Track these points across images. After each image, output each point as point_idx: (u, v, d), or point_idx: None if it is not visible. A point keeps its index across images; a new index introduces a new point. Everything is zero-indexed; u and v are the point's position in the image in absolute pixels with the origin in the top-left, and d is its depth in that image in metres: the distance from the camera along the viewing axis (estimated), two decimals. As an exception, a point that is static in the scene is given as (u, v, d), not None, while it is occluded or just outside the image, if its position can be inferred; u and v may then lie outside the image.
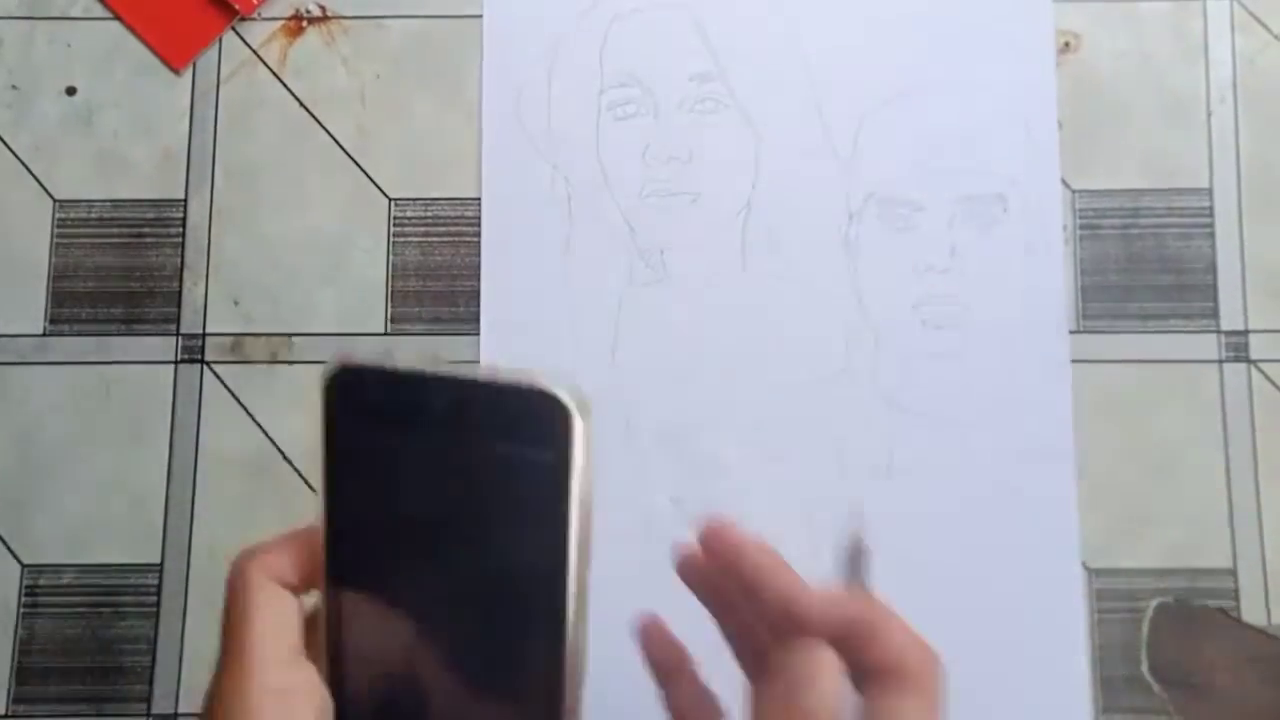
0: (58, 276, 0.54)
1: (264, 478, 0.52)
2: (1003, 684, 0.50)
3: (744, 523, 0.51)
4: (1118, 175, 0.54)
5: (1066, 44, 0.55)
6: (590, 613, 0.33)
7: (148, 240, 0.54)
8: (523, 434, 0.31)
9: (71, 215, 0.54)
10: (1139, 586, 0.51)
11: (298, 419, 0.53)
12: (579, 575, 0.32)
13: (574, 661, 0.33)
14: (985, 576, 0.50)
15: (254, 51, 0.56)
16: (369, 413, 0.32)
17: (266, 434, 0.52)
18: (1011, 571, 0.51)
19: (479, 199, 0.54)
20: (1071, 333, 0.53)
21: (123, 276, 0.54)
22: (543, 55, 0.55)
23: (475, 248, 0.54)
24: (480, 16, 0.56)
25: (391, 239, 0.54)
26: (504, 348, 0.53)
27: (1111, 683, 0.50)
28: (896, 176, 0.54)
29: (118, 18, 0.56)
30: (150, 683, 0.51)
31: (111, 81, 0.56)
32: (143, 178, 0.55)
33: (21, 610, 0.51)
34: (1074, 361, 0.52)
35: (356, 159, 0.55)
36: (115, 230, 0.54)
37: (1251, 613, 0.51)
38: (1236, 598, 0.51)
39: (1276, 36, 0.55)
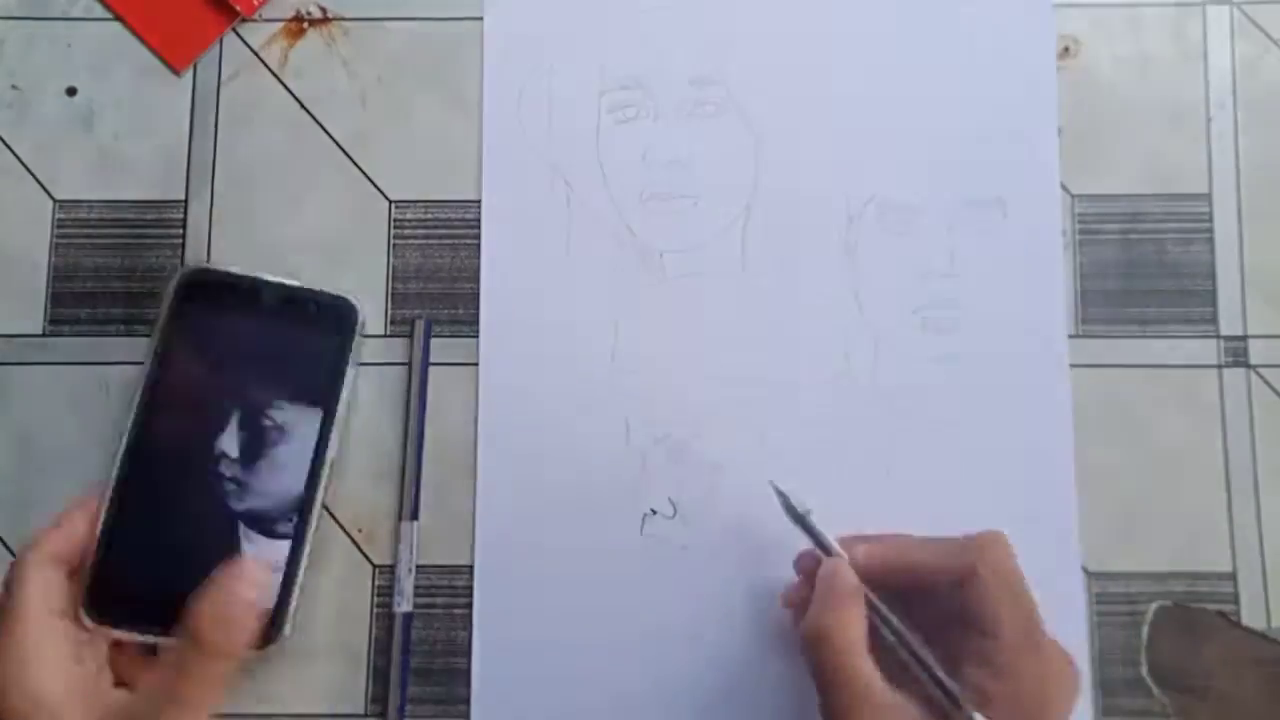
0: (57, 276, 0.54)
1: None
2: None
3: (744, 524, 0.51)
4: (1117, 180, 0.54)
5: (1066, 49, 0.55)
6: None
7: (148, 241, 0.54)
8: (323, 323, 0.50)
9: (71, 215, 0.54)
10: (1139, 590, 0.51)
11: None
12: (341, 429, 0.50)
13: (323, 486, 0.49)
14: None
15: (255, 53, 0.56)
16: (210, 303, 0.49)
17: (266, 435, 0.52)
18: (1011, 575, 0.51)
19: (479, 201, 0.54)
20: (1071, 337, 0.53)
21: (123, 277, 0.54)
22: (543, 58, 0.55)
23: (475, 250, 0.54)
24: (481, 19, 0.56)
25: (391, 241, 0.54)
26: (503, 350, 0.53)
27: (1111, 685, 0.50)
28: (896, 180, 0.54)
29: (118, 18, 0.56)
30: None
31: (112, 82, 0.55)
32: (143, 178, 0.55)
33: (20, 610, 0.51)
34: (1073, 366, 0.52)
35: (357, 161, 0.55)
36: (115, 230, 0.54)
37: (1251, 616, 0.51)
38: (1236, 601, 0.51)
39: (1276, 43, 0.55)
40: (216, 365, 0.49)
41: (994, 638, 0.42)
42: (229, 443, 0.48)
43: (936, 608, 0.44)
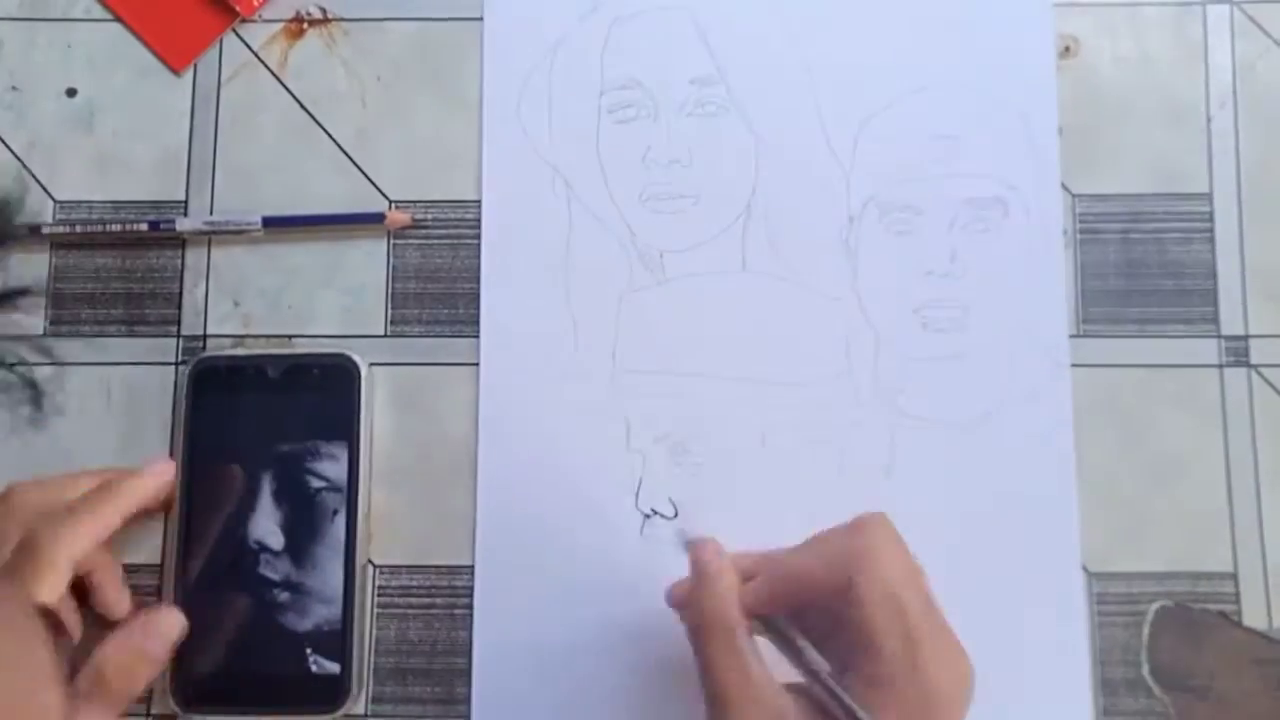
0: (58, 277, 0.54)
1: (263, 479, 0.52)
2: (1003, 687, 0.49)
3: (744, 525, 0.51)
4: (1118, 180, 0.54)
5: (1067, 48, 0.55)
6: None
7: (148, 241, 0.54)
8: (329, 382, 0.51)
9: (71, 215, 0.54)
10: (1140, 590, 0.51)
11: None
12: (367, 480, 0.51)
13: (362, 545, 0.50)
14: (986, 580, 0.50)
15: (254, 53, 0.56)
16: (221, 385, 0.51)
17: (266, 435, 0.52)
18: (1012, 575, 0.51)
19: (479, 201, 0.54)
20: (1071, 337, 0.53)
21: (123, 278, 0.54)
22: (543, 58, 0.55)
23: (475, 250, 0.54)
24: (481, 19, 0.56)
25: (391, 241, 0.54)
26: (503, 350, 0.53)
27: (1112, 686, 0.50)
28: (897, 180, 0.54)
29: (118, 19, 0.56)
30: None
31: (112, 83, 0.55)
32: (143, 179, 0.55)
33: (20, 611, 0.51)
34: (1074, 365, 0.52)
35: (357, 161, 0.55)
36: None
37: (1252, 616, 0.50)
38: (1237, 601, 0.51)
39: (1277, 42, 0.55)
40: (240, 450, 0.51)
41: (873, 650, 0.40)
42: (269, 531, 0.50)
43: (821, 613, 0.42)
